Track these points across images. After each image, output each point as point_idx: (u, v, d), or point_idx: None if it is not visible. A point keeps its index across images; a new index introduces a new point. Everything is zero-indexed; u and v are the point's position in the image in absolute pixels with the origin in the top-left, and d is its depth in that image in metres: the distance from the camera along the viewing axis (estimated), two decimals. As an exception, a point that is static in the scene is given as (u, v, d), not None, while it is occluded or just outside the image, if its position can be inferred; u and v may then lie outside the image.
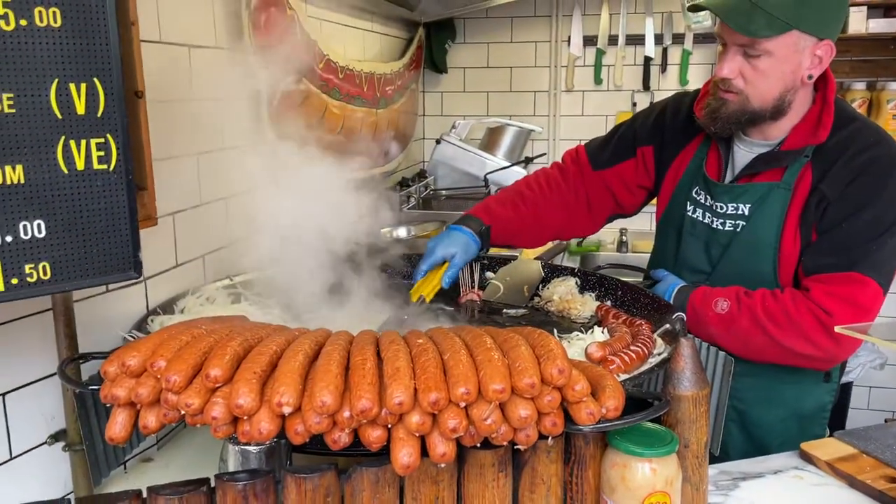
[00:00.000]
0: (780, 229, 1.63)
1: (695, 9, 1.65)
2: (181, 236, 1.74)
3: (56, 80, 0.93)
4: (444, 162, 3.78)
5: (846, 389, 3.35)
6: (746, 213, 1.67)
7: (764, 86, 1.57)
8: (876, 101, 3.72)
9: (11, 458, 1.33)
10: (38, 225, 0.94)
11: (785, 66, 1.55)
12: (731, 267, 1.71)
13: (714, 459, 1.39)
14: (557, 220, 1.97)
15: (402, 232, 2.94)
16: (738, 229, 1.69)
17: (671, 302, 1.67)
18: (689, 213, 1.79)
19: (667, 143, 1.86)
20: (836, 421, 3.38)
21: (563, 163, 2.03)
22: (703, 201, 1.76)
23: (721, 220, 1.71)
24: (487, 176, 3.57)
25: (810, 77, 1.58)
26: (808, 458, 1.41)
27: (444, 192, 3.70)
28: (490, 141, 3.88)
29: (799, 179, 1.62)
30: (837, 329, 1.07)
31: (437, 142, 3.85)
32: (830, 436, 1.46)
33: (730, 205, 1.70)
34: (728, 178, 1.74)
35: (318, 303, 1.73)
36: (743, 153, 1.72)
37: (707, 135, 1.76)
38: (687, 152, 1.83)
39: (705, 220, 1.75)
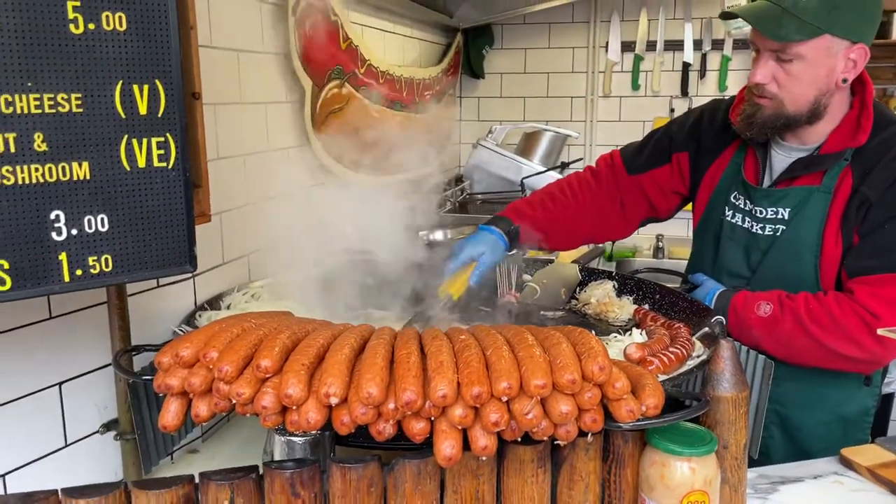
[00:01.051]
0: (821, 232, 1.63)
1: (727, 16, 1.67)
2: (227, 235, 1.79)
3: (121, 82, 0.98)
4: (480, 166, 3.81)
5: (889, 400, 3.28)
6: (786, 217, 1.67)
7: (798, 90, 1.58)
8: (921, 108, 3.65)
9: (66, 446, 1.39)
10: (102, 219, 0.98)
11: (818, 70, 1.55)
12: (771, 271, 1.71)
13: (755, 463, 1.39)
14: (589, 223, 1.98)
15: (438, 235, 2.98)
16: (779, 233, 1.69)
17: (711, 306, 1.67)
18: (728, 218, 1.79)
19: (703, 149, 1.86)
20: (879, 431, 3.31)
21: (596, 167, 2.05)
22: (742, 206, 1.76)
23: (761, 225, 1.72)
24: (524, 180, 3.59)
25: (845, 81, 1.58)
26: (848, 463, 1.39)
27: (479, 195, 3.73)
28: (526, 146, 3.90)
29: (839, 183, 1.62)
30: (880, 332, 1.07)
31: (474, 146, 3.88)
32: (872, 442, 1.44)
33: (769, 209, 1.70)
34: (766, 182, 1.74)
35: (357, 302, 1.77)
36: (781, 158, 1.72)
37: (743, 141, 1.76)
38: (723, 158, 1.83)
39: (745, 225, 1.75)
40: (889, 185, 1.56)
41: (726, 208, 1.79)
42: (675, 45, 4.01)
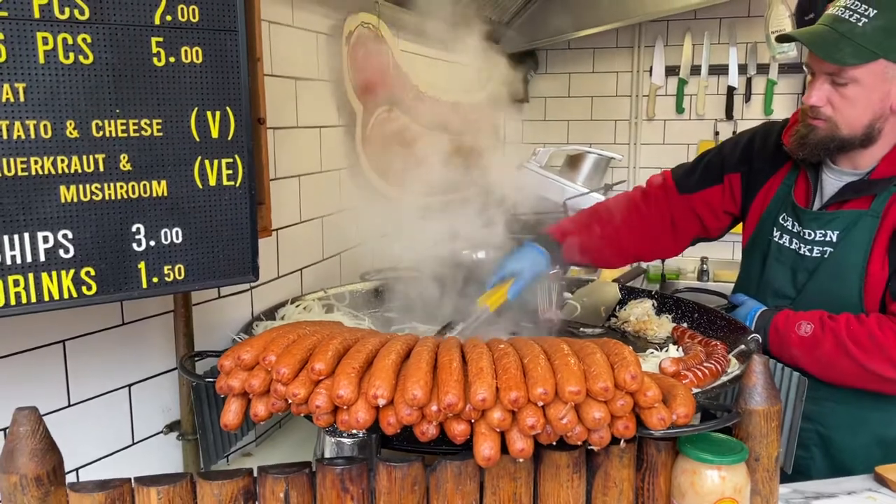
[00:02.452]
0: (867, 256, 1.64)
1: (783, 39, 1.71)
2: (283, 251, 1.90)
3: (196, 109, 1.09)
4: (523, 188, 3.87)
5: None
6: (834, 240, 1.69)
7: (852, 113, 1.60)
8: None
9: (133, 444, 1.49)
10: (177, 232, 1.09)
11: (873, 95, 1.57)
12: (816, 293, 1.73)
13: (790, 479, 1.41)
14: (637, 242, 2.02)
15: (482, 254, 3.05)
16: (826, 255, 1.70)
17: (753, 325, 1.69)
18: (776, 239, 1.81)
19: (755, 170, 1.89)
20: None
21: (647, 187, 2.09)
22: (790, 227, 1.78)
23: (809, 247, 1.73)
24: (566, 201, 3.64)
25: None
26: (882, 481, 1.41)
27: (523, 216, 3.79)
28: (570, 168, 3.95)
29: (888, 208, 1.63)
30: None
31: (518, 169, 3.95)
32: None
33: (818, 231, 1.71)
34: (816, 205, 1.76)
35: (400, 316, 1.85)
36: (832, 181, 1.74)
37: (795, 163, 1.79)
38: (775, 179, 1.85)
39: (792, 247, 1.77)
40: None
41: (775, 229, 1.81)
42: (719, 70, 4.03)
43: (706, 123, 4.10)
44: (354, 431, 1.30)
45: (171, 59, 1.06)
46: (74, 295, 1.02)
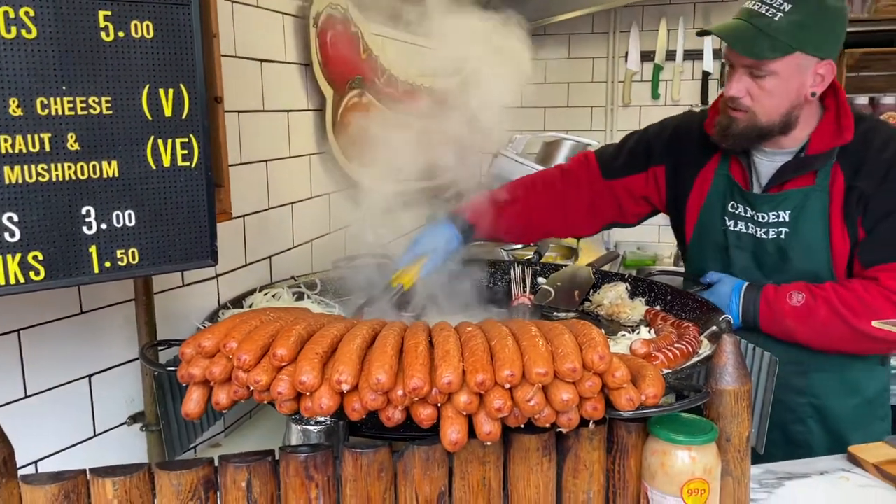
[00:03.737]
0: (826, 230, 1.70)
1: (703, 34, 1.78)
2: (250, 237, 1.86)
3: (147, 86, 1.05)
4: (501, 175, 3.84)
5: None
6: (787, 219, 1.74)
7: (770, 103, 1.67)
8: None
9: (95, 436, 1.45)
10: (129, 214, 1.05)
11: (789, 85, 1.65)
12: (785, 274, 1.76)
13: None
14: (550, 218, 2.04)
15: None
16: (782, 235, 1.75)
17: (740, 300, 1.72)
18: (731, 228, 1.83)
19: (683, 163, 1.93)
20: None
21: (568, 166, 2.11)
22: (743, 213, 1.81)
23: (764, 230, 1.77)
24: (543, 189, 3.62)
25: (813, 94, 1.68)
26: (855, 460, 1.41)
27: (500, 204, 3.77)
28: (546, 155, 3.93)
29: (832, 180, 1.70)
30: (875, 324, 1.12)
31: (495, 156, 3.93)
32: (879, 441, 1.46)
33: (771, 213, 1.76)
34: (756, 188, 1.81)
35: (376, 304, 1.81)
36: (766, 164, 1.79)
37: (725, 152, 1.84)
38: (707, 170, 1.89)
39: (749, 231, 1.80)
40: (882, 177, 1.65)
41: (726, 218, 1.84)
42: (694, 55, 4.03)
43: (681, 109, 4.07)
44: (320, 419, 1.27)
45: (121, 34, 1.01)
46: (21, 280, 0.98)
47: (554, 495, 1.17)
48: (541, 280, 2.07)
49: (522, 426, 1.06)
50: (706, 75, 4.01)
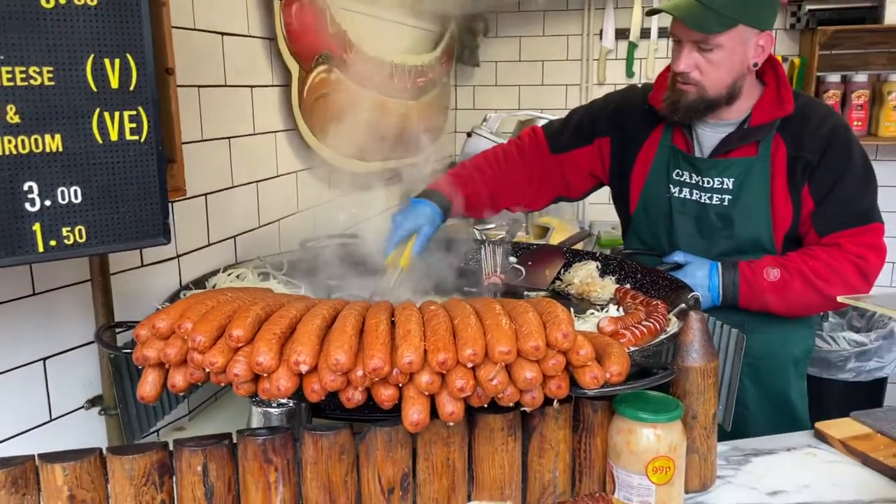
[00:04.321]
0: (768, 198, 1.78)
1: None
2: (213, 217, 1.81)
3: (92, 56, 1.00)
4: (474, 154, 3.81)
5: (880, 385, 3.30)
6: (731, 187, 1.81)
7: (717, 76, 1.74)
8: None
9: (51, 420, 1.41)
10: (75, 191, 1.00)
11: (734, 57, 1.72)
12: (727, 239, 1.84)
13: (729, 436, 1.41)
14: (510, 195, 2.07)
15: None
16: (726, 202, 1.82)
17: (720, 281, 1.77)
18: (676, 195, 1.89)
19: (627, 137, 1.97)
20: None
21: (521, 140, 2.12)
22: (688, 180, 1.87)
23: (709, 195, 1.84)
24: (517, 168, 3.59)
25: (755, 65, 1.76)
26: (822, 436, 1.41)
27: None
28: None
29: (773, 150, 1.78)
30: (840, 299, 1.14)
31: (468, 135, 3.88)
32: (847, 416, 1.46)
33: (716, 179, 1.82)
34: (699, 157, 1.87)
35: (341, 285, 1.78)
36: (709, 135, 1.85)
37: (668, 124, 1.89)
38: (651, 142, 1.93)
39: (693, 198, 1.86)
40: (824, 149, 1.75)
41: (671, 186, 1.90)
42: (668, 32, 4.00)
43: (656, 88, 4.08)
44: (282, 401, 1.24)
45: (62, 1, 0.96)
46: (-40, 260, 0.93)
47: (519, 475, 1.15)
48: (511, 259, 2.05)
49: (486, 406, 1.04)
50: (680, 53, 3.99)
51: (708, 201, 1.84)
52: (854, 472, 1.30)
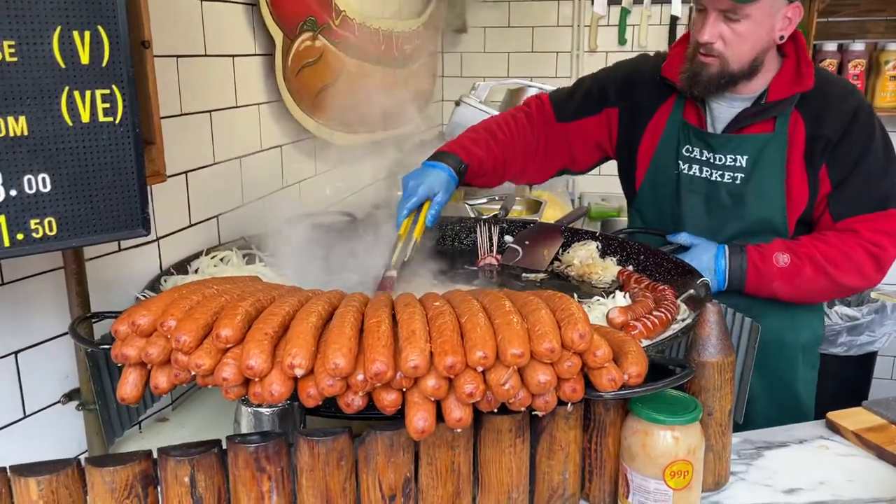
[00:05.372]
0: (783, 176, 1.70)
1: None
2: (194, 196, 1.71)
3: (59, 28, 0.89)
4: (462, 124, 3.68)
5: (870, 359, 3.29)
6: (744, 164, 1.72)
7: (742, 48, 1.65)
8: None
9: (25, 417, 1.33)
10: (43, 179, 0.91)
11: (761, 29, 1.63)
12: (738, 220, 1.76)
13: (739, 427, 1.36)
14: (518, 165, 1.96)
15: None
16: (737, 181, 1.74)
17: (727, 265, 1.70)
18: (685, 171, 1.81)
19: (636, 108, 1.89)
20: (861, 391, 3.33)
21: (528, 108, 2.03)
22: (698, 156, 1.79)
23: (720, 173, 1.76)
24: (507, 138, 3.50)
25: (782, 38, 1.68)
26: (834, 427, 1.37)
27: (462, 154, 3.64)
28: (510, 103, 3.78)
29: (791, 128, 1.70)
30: (874, 295, 1.07)
31: (457, 104, 3.77)
32: (858, 405, 1.41)
33: (728, 156, 1.74)
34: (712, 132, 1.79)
35: (332, 265, 1.70)
36: (723, 109, 1.76)
37: (679, 96, 1.81)
38: (660, 115, 1.85)
39: (703, 175, 1.78)
40: (845, 128, 1.66)
41: (680, 162, 1.82)
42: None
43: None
44: (273, 400, 1.17)
45: (22, -34, 0.85)
46: (-85, 257, 0.84)
47: (527, 477, 1.09)
48: (507, 238, 1.97)
49: (495, 410, 0.97)
50: (674, 20, 3.88)
51: (719, 179, 1.76)
52: (870, 466, 1.26)
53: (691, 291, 1.45)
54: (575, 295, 1.32)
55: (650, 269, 1.71)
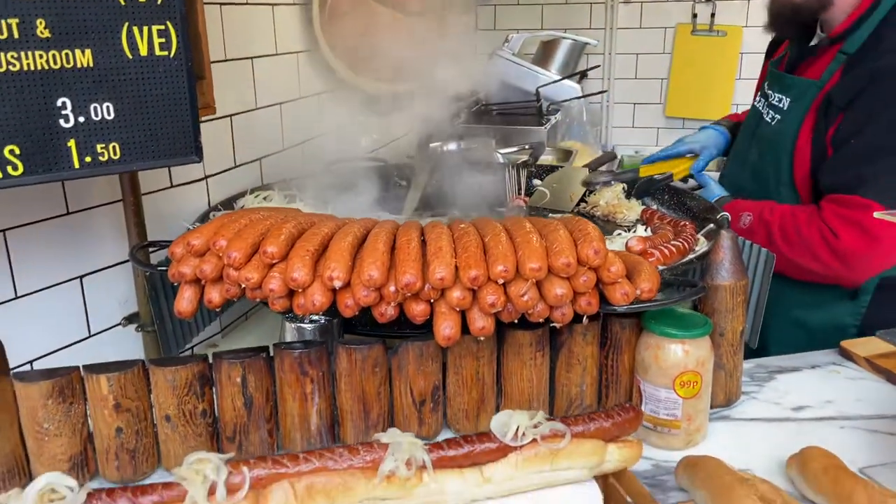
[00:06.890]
0: (797, 132, 1.67)
1: None
2: (239, 138, 1.81)
3: (119, -32, 0.98)
4: (496, 77, 3.74)
5: None
6: (784, 107, 1.74)
7: None
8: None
9: (90, 336, 1.45)
10: (108, 107, 1.01)
11: None
12: (757, 160, 1.80)
13: (754, 354, 1.42)
14: None
15: (452, 146, 2.96)
16: (773, 122, 1.76)
17: None
18: (758, 106, 1.87)
19: (767, 55, 2.01)
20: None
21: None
22: (767, 90, 1.85)
23: (768, 111, 1.80)
24: (539, 89, 3.53)
25: None
26: (847, 355, 1.42)
27: (494, 106, 3.68)
28: (544, 55, 3.81)
29: (830, 79, 1.63)
30: (877, 215, 1.06)
31: (490, 56, 3.80)
32: (873, 334, 1.47)
33: (777, 95, 1.77)
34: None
35: (365, 207, 1.79)
36: (795, 49, 1.79)
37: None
38: (774, 57, 1.93)
39: (762, 110, 1.83)
40: (857, 93, 1.54)
41: (761, 98, 1.88)
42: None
43: (684, 6, 3.94)
44: (314, 317, 1.27)
45: None
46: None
47: (547, 388, 1.18)
48: (536, 182, 2.04)
49: (516, 321, 1.06)
50: (711, -31, 3.83)
51: (765, 115, 1.80)
52: (878, 387, 1.32)
53: (711, 226, 1.51)
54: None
55: (674, 207, 1.76)
